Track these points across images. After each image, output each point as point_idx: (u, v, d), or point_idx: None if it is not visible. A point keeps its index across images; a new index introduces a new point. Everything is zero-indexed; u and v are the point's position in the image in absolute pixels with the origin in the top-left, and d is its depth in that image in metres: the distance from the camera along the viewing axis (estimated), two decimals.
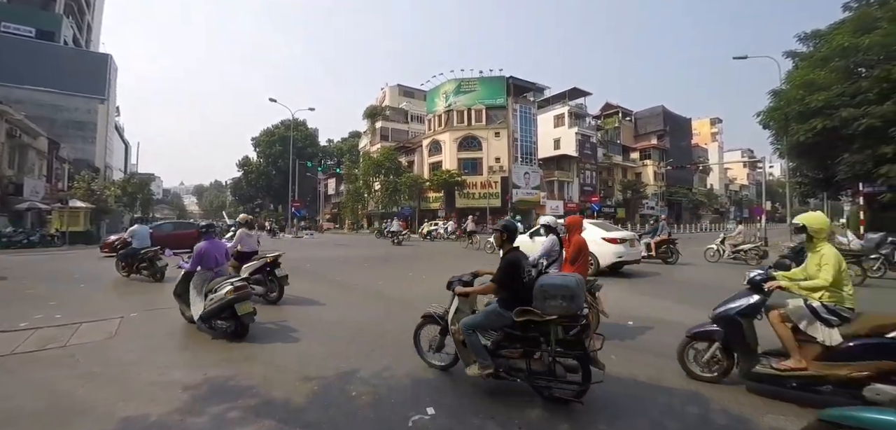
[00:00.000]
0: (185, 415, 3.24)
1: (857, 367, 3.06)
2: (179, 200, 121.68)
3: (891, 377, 2.95)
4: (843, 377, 3.10)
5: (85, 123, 45.07)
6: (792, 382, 3.30)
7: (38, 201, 25.35)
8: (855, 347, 3.14)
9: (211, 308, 5.27)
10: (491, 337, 3.57)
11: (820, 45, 16.67)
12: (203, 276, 5.63)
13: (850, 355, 3.13)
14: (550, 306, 3.24)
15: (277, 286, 7.47)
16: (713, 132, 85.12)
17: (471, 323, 3.57)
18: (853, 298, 3.39)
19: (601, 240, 10.39)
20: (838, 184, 17.78)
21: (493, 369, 3.46)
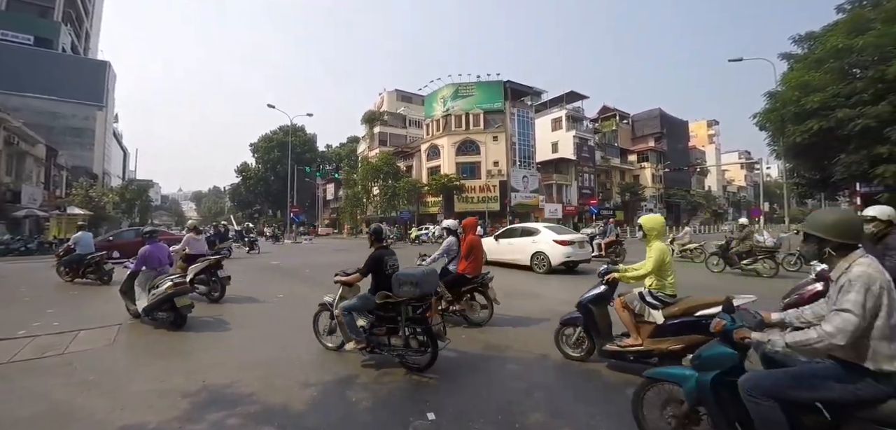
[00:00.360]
0: (184, 422, 3.23)
1: (675, 340, 3.70)
2: (178, 207, 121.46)
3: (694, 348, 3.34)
4: (665, 350, 3.72)
5: (83, 129, 45.06)
6: (631, 355, 3.94)
7: (35, 209, 25.29)
8: (671, 325, 3.78)
9: (153, 302, 6.02)
10: (367, 319, 4.48)
11: (815, 47, 16.76)
12: (147, 275, 6.34)
13: (671, 331, 3.76)
14: (403, 290, 4.13)
15: (220, 286, 8.08)
16: (710, 134, 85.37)
17: (347, 306, 4.44)
18: (674, 286, 4.02)
19: (552, 242, 11.58)
20: (835, 184, 17.83)
21: (365, 343, 4.36)
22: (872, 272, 1.98)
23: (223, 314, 7.00)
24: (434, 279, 4.52)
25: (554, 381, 4.05)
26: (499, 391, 3.77)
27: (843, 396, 2.01)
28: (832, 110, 14.56)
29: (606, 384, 3.97)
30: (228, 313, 7.14)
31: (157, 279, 6.23)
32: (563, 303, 6.55)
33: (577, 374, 4.20)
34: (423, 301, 4.16)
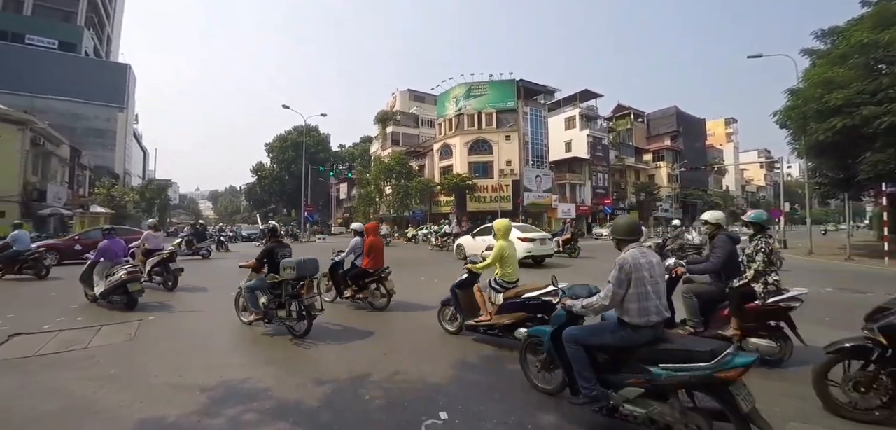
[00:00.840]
0: (202, 417, 3.29)
1: (508, 317, 4.84)
2: (195, 206, 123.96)
3: (526, 323, 4.64)
4: (503, 324, 4.87)
5: (105, 130, 46.29)
6: (481, 328, 5.11)
7: (60, 207, 26.11)
8: (507, 305, 4.92)
9: (108, 287, 7.10)
10: (267, 297, 5.65)
11: (838, 42, 16.26)
12: (105, 265, 7.40)
13: (506, 310, 4.90)
14: (285, 273, 5.42)
15: (173, 277, 9.38)
16: (728, 133, 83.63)
17: (250, 286, 5.83)
18: (512, 274, 5.15)
19: (517, 239, 13.04)
20: (860, 184, 17.29)
21: (263, 315, 5.67)
22: (627, 257, 2.90)
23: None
24: (311, 266, 5.66)
25: None
26: (510, 392, 3.75)
27: (614, 341, 2.97)
28: (857, 107, 14.10)
29: None
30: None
31: (113, 268, 7.31)
32: None
33: None
34: (300, 281, 5.48)
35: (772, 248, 4.48)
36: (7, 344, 5.25)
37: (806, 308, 4.53)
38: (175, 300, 8.22)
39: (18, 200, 23.83)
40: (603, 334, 3.04)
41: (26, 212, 23.85)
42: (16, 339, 5.45)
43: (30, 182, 25.13)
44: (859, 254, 17.21)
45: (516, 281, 5.14)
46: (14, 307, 7.33)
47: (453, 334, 5.52)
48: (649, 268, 2.89)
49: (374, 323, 6.32)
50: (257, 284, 5.81)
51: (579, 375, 3.02)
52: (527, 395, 3.66)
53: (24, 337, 5.52)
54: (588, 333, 3.12)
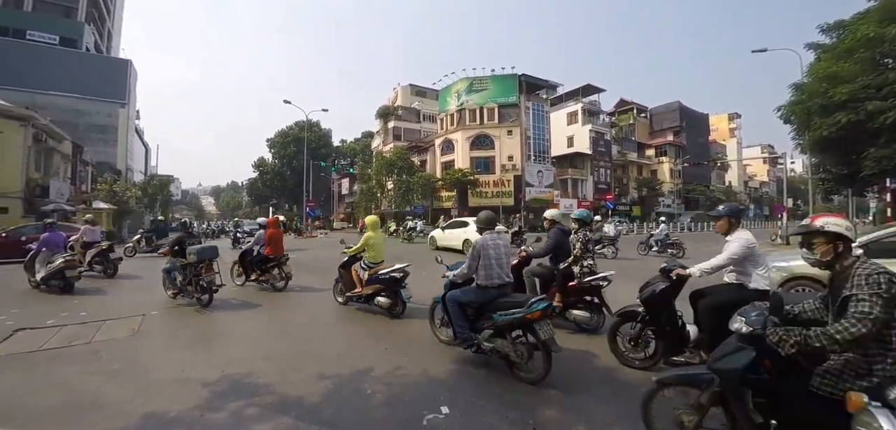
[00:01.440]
0: (205, 411, 3.31)
1: (370, 288, 6.28)
2: (197, 201, 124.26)
3: (381, 293, 6.22)
4: (367, 293, 6.31)
5: (107, 126, 46.25)
6: (355, 298, 6.57)
7: (63, 203, 26.13)
8: (371, 278, 6.31)
9: (48, 273, 8.08)
10: (181, 276, 7.15)
11: (844, 36, 16.11)
12: (46, 255, 8.31)
13: (369, 283, 6.30)
14: (189, 257, 7.02)
15: (112, 266, 10.47)
16: (731, 128, 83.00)
17: (165, 268, 7.48)
18: (377, 257, 6.60)
19: (474, 233, 14.41)
20: (864, 180, 17.18)
21: (178, 290, 7.23)
22: (478, 240, 4.16)
23: (238, 307, 7.15)
24: (210, 252, 7.31)
25: (565, 378, 4.00)
26: (511, 386, 3.76)
27: (475, 298, 4.16)
28: (862, 102, 13.99)
29: (621, 380, 3.91)
30: (244, 305, 7.28)
31: (53, 256, 8.25)
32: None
33: (587, 370, 4.16)
34: (200, 264, 6.96)
35: (588, 239, 5.67)
36: (11, 339, 5.27)
37: None
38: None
39: (21, 196, 23.89)
40: (468, 294, 4.22)
41: (29, 208, 23.93)
42: (20, 334, 5.47)
43: (32, 179, 25.18)
44: None
45: (381, 262, 6.59)
46: (17, 302, 7.36)
47: (342, 305, 6.94)
48: (495, 248, 4.09)
49: (373, 321, 6.32)
50: (171, 266, 7.38)
51: (457, 324, 4.19)
52: (528, 390, 3.67)
53: (29, 332, 5.55)
54: (460, 294, 4.27)
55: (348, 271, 6.76)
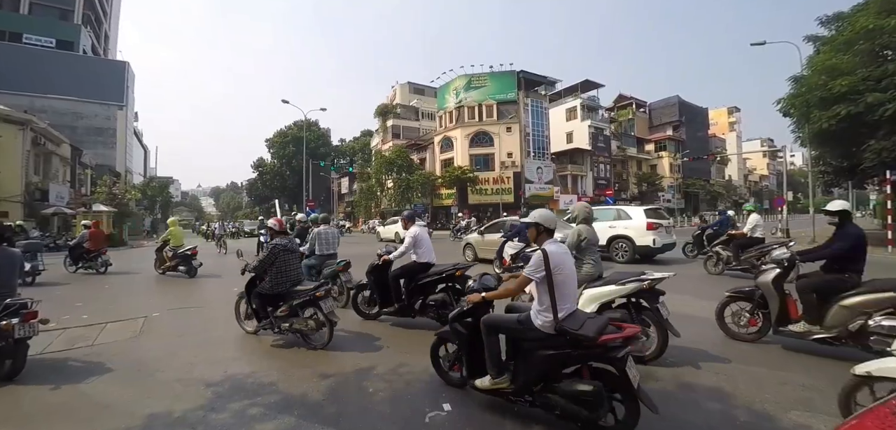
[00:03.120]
0: (208, 411, 3.31)
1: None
2: (197, 202, 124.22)
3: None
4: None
5: (105, 128, 46.19)
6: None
7: (63, 206, 26.16)
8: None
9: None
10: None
11: (843, 28, 16.08)
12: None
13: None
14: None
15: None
16: (731, 122, 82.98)
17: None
18: (181, 248, 10.70)
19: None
20: (864, 172, 17.18)
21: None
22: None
23: None
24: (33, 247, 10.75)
25: None
26: None
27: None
28: (861, 95, 13.96)
29: None
30: None
31: None
32: None
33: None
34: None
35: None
36: None
37: None
38: (180, 298, 8.32)
39: (21, 200, 23.90)
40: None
41: (29, 212, 23.93)
42: None
43: (32, 182, 25.18)
44: None
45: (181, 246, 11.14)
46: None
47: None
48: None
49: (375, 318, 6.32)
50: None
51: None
52: None
53: None
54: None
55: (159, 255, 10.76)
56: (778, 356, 4.33)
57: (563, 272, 2.85)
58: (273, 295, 4.96)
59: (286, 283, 4.96)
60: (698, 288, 7.72)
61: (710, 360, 4.18)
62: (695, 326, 5.05)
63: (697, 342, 4.58)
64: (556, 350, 2.78)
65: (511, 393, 3.03)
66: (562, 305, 2.79)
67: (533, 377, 2.90)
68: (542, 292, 2.85)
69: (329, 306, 4.77)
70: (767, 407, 3.20)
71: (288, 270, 5.00)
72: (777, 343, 4.55)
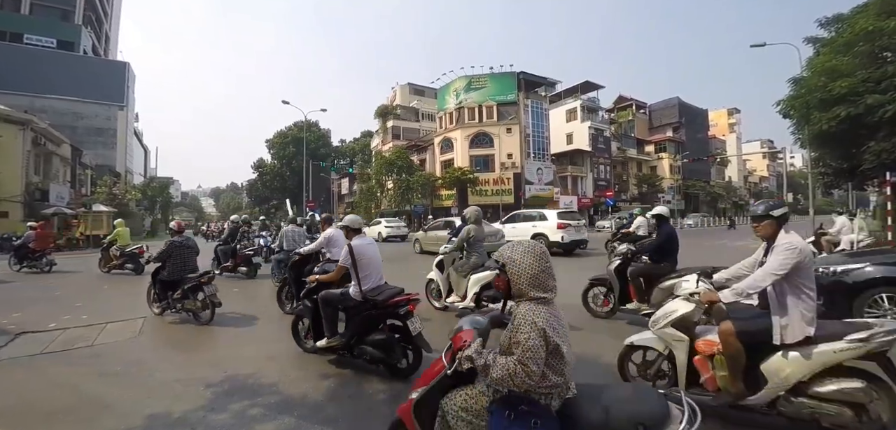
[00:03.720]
0: (208, 412, 3.31)
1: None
2: (197, 203, 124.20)
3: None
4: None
5: (105, 129, 46.24)
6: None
7: (63, 206, 26.17)
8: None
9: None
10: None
11: (842, 30, 16.09)
12: None
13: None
14: None
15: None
16: (731, 123, 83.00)
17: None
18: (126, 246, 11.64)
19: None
20: (863, 173, 17.18)
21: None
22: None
23: (242, 306, 7.15)
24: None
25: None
26: None
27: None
28: (861, 96, 13.98)
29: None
30: (246, 304, 7.29)
31: None
32: None
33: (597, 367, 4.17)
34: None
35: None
36: (15, 343, 5.29)
37: None
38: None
39: (21, 200, 23.92)
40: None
41: (29, 212, 23.94)
42: (23, 337, 5.49)
43: (32, 182, 25.21)
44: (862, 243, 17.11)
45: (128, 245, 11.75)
46: (19, 306, 7.36)
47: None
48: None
49: None
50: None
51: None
52: None
53: (31, 335, 5.56)
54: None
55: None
56: (622, 329, 5.13)
57: (366, 257, 4.05)
58: (171, 281, 6.20)
59: (181, 272, 6.19)
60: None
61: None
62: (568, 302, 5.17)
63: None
64: (363, 312, 3.96)
65: (339, 347, 4.09)
66: (366, 281, 4.00)
67: (353, 334, 3.99)
68: (353, 273, 4.02)
69: (211, 290, 6.06)
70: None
71: (183, 261, 6.27)
72: (623, 319, 5.63)
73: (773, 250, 2.80)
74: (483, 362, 1.80)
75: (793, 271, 2.66)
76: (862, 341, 2.48)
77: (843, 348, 2.52)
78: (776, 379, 2.64)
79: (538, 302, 1.81)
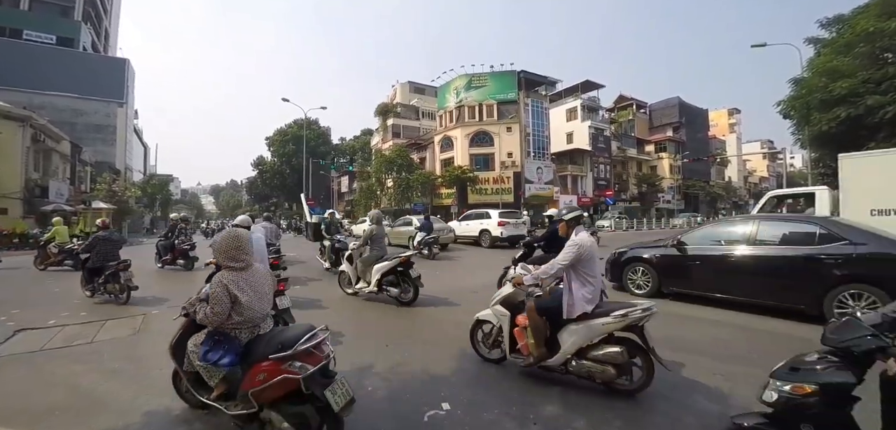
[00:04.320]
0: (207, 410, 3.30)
1: None
2: (197, 200, 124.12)
3: None
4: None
5: (105, 126, 46.14)
6: None
7: (62, 203, 26.12)
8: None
9: None
10: None
11: (843, 31, 16.11)
12: None
13: None
14: None
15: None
16: (731, 123, 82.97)
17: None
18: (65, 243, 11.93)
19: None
20: None
21: None
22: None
23: None
24: None
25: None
26: (512, 382, 3.76)
27: None
28: (861, 97, 14.01)
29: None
30: None
31: None
32: None
33: None
34: None
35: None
36: (13, 339, 5.28)
37: None
38: (180, 296, 8.25)
39: (21, 197, 23.87)
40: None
41: (29, 209, 23.91)
42: (22, 334, 5.48)
43: (31, 179, 25.15)
44: None
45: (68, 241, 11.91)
46: (19, 303, 7.36)
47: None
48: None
49: (375, 316, 6.33)
50: None
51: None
52: (528, 385, 3.68)
53: (30, 332, 5.55)
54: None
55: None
56: None
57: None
58: (96, 269, 7.39)
59: (103, 260, 7.37)
60: None
61: None
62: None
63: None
64: None
65: None
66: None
67: None
68: None
69: (128, 276, 7.29)
70: None
71: (105, 252, 7.43)
72: None
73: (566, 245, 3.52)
74: (199, 311, 2.78)
75: (576, 262, 3.41)
76: (622, 317, 3.28)
77: (608, 322, 3.32)
78: (566, 345, 3.44)
79: (229, 269, 2.74)
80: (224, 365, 2.63)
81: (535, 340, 3.53)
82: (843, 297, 5.15)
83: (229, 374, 2.70)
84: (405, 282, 6.83)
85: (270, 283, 3.03)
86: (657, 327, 5.46)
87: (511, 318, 3.81)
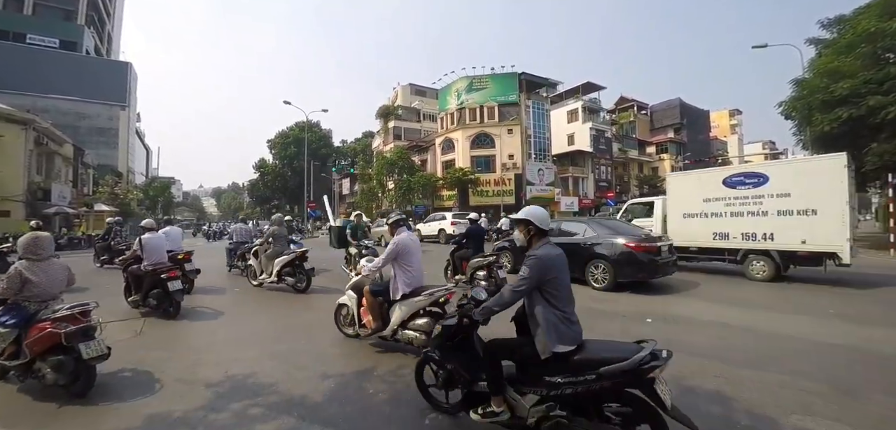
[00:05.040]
0: (209, 412, 3.32)
1: None
2: (199, 203, 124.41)
3: None
4: None
5: (107, 129, 46.40)
6: None
7: (65, 206, 26.25)
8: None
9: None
10: None
11: (845, 31, 16.08)
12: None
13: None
14: None
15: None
16: (732, 124, 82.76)
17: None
18: None
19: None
20: (866, 175, 17.16)
21: None
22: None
23: (244, 305, 7.16)
24: None
25: None
26: None
27: None
28: (863, 97, 13.96)
29: None
30: (249, 302, 7.30)
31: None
32: None
33: None
34: None
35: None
36: None
37: None
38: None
39: (23, 199, 23.98)
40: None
41: (32, 211, 24.00)
42: None
43: (34, 182, 25.27)
44: (863, 246, 17.07)
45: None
46: None
47: None
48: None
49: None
50: None
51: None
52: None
53: None
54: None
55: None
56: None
57: (151, 246, 6.75)
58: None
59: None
60: None
61: None
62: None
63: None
64: (145, 278, 6.67)
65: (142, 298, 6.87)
66: (148, 259, 6.68)
67: (144, 291, 6.70)
68: (142, 255, 6.87)
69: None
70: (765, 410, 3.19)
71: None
72: None
73: None
74: None
75: (397, 256, 4.39)
76: (429, 295, 4.32)
77: (420, 301, 4.32)
78: (393, 319, 4.41)
79: (28, 260, 3.67)
80: (10, 325, 3.51)
81: (372, 316, 4.51)
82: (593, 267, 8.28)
83: (10, 333, 3.52)
84: (300, 273, 8.15)
85: (64, 274, 3.96)
86: (658, 329, 5.47)
87: (357, 300, 4.79)
